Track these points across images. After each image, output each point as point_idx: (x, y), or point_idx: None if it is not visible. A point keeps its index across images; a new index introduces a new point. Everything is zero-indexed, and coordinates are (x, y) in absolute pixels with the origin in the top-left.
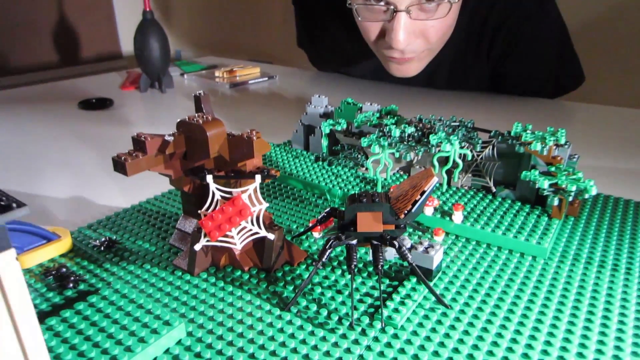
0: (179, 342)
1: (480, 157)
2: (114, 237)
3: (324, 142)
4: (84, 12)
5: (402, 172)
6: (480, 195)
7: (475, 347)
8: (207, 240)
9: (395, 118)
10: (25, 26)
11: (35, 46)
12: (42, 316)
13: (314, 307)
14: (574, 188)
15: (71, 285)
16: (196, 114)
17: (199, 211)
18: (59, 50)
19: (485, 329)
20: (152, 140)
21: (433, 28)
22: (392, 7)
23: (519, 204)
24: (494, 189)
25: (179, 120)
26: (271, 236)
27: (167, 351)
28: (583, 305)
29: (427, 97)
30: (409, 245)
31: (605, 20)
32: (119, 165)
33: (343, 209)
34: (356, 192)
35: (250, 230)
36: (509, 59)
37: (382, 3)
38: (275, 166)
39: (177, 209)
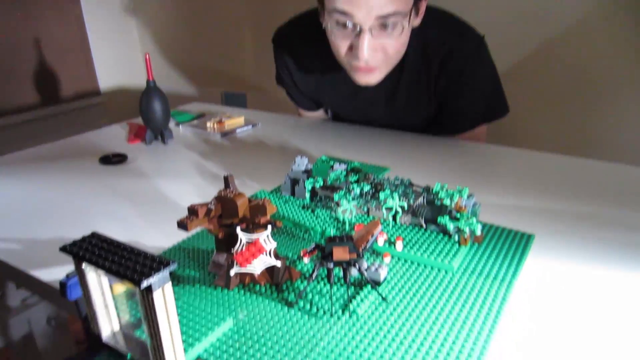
0: (229, 329)
1: (416, 204)
2: None
3: (307, 195)
4: (62, 54)
5: (363, 213)
6: (416, 230)
7: (403, 325)
8: (239, 268)
9: (357, 175)
10: (5, 69)
11: (16, 88)
12: None
13: (308, 305)
14: (467, 229)
15: None
16: (227, 189)
17: (232, 250)
18: (40, 91)
19: (410, 315)
20: (201, 209)
21: (390, 45)
22: (358, 28)
23: (441, 235)
24: (424, 226)
25: (216, 195)
26: (278, 263)
27: (223, 335)
28: (469, 300)
29: (394, 139)
30: (366, 266)
31: (530, 64)
32: (182, 225)
33: (323, 243)
34: (332, 231)
35: (265, 260)
36: (451, 90)
37: (350, 25)
38: None
39: (205, 246)
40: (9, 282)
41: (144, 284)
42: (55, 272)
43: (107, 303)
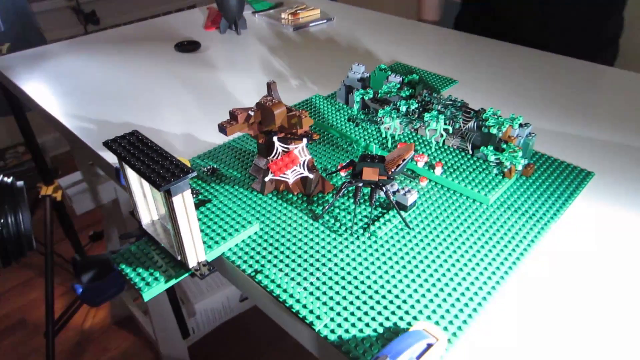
0: (255, 233)
1: (466, 127)
2: (215, 166)
3: (356, 106)
4: None
5: (412, 130)
6: (462, 154)
7: (419, 252)
8: (272, 175)
9: (410, 91)
10: None
11: None
12: None
13: (332, 220)
14: (508, 163)
15: (194, 196)
16: (267, 97)
17: (267, 158)
18: None
19: (429, 243)
20: (241, 114)
21: None
22: None
23: (487, 164)
24: (470, 152)
25: (257, 102)
26: (311, 176)
27: (249, 237)
28: (496, 236)
29: (472, 46)
30: (395, 189)
31: None
32: (222, 129)
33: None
34: (374, 147)
35: (299, 171)
36: None
37: None
38: (321, 116)
39: (252, 148)
40: None
41: (164, 188)
42: None
43: (146, 195)
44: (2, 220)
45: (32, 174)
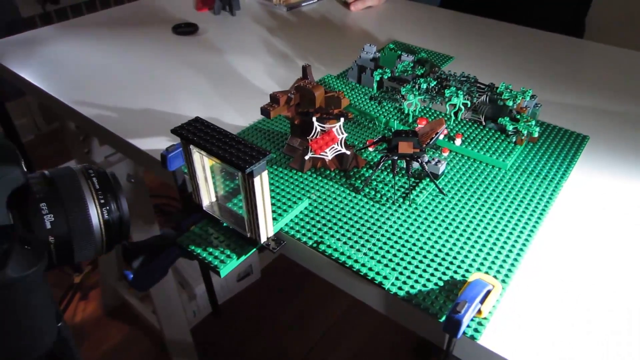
0: (305, 208)
1: (479, 101)
2: None
3: (375, 85)
4: None
5: (430, 107)
6: (475, 126)
7: (457, 215)
8: (312, 153)
9: (424, 69)
10: None
11: None
12: None
13: (372, 192)
14: (525, 131)
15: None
16: (305, 80)
17: (307, 137)
18: None
19: (463, 207)
20: (282, 97)
21: None
22: None
23: (498, 133)
24: (484, 123)
25: (296, 84)
26: (347, 152)
27: (301, 212)
28: (519, 197)
29: (463, 24)
30: (426, 160)
31: None
32: (265, 112)
33: (387, 134)
34: (395, 123)
35: (337, 148)
36: None
37: None
38: None
39: (280, 129)
40: (93, 140)
41: (248, 170)
42: (149, 142)
43: (207, 179)
44: (107, 208)
45: None
